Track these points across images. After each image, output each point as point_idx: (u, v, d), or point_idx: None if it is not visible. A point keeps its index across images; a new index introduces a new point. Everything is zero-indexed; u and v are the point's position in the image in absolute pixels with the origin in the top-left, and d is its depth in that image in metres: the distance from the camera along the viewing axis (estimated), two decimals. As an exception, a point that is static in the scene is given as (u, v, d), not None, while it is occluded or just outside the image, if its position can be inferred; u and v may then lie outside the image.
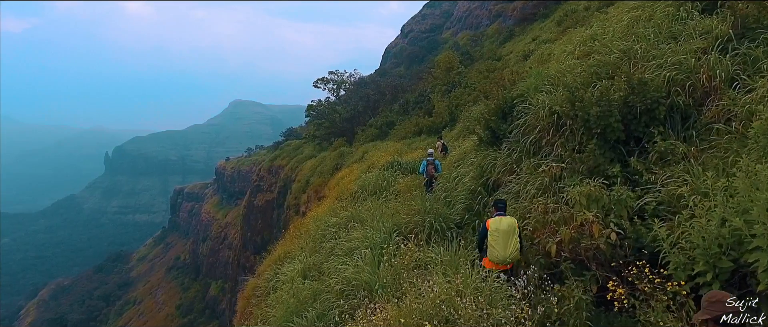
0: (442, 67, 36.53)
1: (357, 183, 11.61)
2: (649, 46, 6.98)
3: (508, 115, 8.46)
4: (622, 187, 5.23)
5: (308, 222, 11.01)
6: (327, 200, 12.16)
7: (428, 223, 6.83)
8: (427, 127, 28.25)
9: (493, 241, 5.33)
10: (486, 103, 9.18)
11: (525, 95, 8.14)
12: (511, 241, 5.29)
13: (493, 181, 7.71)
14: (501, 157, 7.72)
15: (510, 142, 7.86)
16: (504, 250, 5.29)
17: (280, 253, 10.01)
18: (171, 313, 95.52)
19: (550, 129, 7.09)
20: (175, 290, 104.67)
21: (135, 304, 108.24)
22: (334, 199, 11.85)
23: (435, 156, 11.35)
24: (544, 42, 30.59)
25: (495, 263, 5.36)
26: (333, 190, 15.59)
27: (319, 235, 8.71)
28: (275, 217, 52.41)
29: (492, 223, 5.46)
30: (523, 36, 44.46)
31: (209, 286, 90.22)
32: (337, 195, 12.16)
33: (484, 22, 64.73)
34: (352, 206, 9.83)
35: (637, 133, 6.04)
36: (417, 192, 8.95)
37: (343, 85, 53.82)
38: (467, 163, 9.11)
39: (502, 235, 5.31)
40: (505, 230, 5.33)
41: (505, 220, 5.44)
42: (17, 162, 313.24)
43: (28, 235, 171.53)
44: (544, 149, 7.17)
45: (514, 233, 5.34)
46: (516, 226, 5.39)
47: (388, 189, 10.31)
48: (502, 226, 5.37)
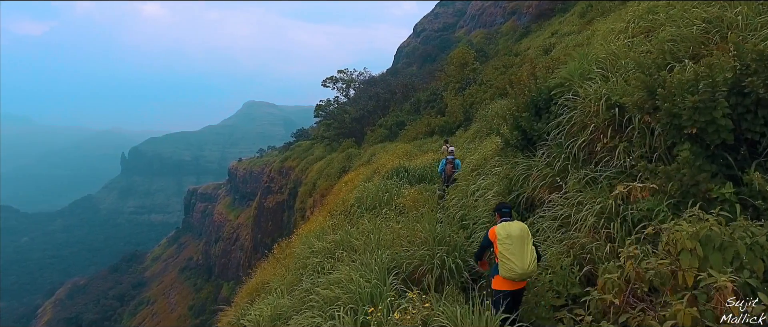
0: (456, 63, 34.47)
1: (355, 193, 9.65)
2: (751, 11, 4.94)
3: (543, 110, 6.50)
4: (748, 220, 3.26)
5: (295, 241, 9.18)
6: (319, 213, 10.26)
7: (439, 259, 4.93)
8: (440, 127, 26.39)
9: (507, 250, 4.17)
10: (513, 96, 7.19)
11: (568, 84, 6.16)
12: (528, 249, 4.20)
13: (526, 198, 5.75)
14: (537, 167, 5.75)
15: (548, 146, 5.89)
16: (522, 260, 4.12)
17: (256, 283, 8.26)
18: (183, 314, 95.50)
19: (608, 128, 5.12)
20: (188, 291, 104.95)
21: (148, 305, 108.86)
22: (326, 213, 9.95)
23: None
24: (566, 35, 28.38)
25: (512, 281, 4.18)
26: (328, 203, 13.78)
27: (301, 263, 6.89)
28: (285, 219, 51.29)
29: (500, 228, 4.30)
30: (540, 32, 42.39)
31: (221, 287, 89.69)
32: (330, 209, 10.25)
33: (498, 20, 64.10)
34: (346, 223, 7.98)
35: (750, 133, 4.04)
36: (426, 208, 7.02)
37: (352, 85, 52.10)
38: (489, 171, 7.14)
39: (516, 242, 4.17)
40: (518, 236, 4.20)
41: (515, 225, 4.30)
42: (36, 163, 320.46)
43: (46, 234, 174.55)
44: (598, 156, 5.21)
45: (529, 239, 4.26)
46: (528, 231, 4.31)
47: (390, 203, 8.37)
48: (514, 230, 4.23)
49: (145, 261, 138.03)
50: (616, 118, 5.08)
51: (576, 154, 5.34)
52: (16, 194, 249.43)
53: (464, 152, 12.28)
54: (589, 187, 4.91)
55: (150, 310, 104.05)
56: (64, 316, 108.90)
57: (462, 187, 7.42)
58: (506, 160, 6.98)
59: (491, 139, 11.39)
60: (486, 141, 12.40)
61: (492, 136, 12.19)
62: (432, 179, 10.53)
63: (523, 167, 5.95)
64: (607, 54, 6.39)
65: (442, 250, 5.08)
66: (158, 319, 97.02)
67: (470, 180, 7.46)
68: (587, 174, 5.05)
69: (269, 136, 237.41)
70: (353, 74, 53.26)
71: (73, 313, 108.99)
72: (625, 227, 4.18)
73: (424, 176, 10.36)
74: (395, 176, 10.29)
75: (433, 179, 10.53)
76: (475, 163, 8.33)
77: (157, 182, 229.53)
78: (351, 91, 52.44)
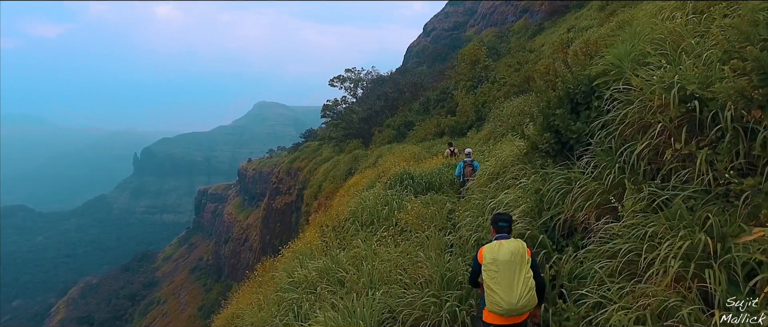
0: (467, 60, 32.96)
1: (350, 205, 8.22)
2: None
3: (581, 106, 5.08)
4: None
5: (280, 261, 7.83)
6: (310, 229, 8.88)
7: (449, 311, 3.57)
8: (450, 127, 24.99)
9: (491, 279, 3.37)
10: (541, 89, 5.75)
11: (615, 72, 4.74)
12: (520, 278, 3.33)
13: (564, 221, 4.35)
14: (580, 180, 4.33)
15: (593, 153, 4.48)
16: (510, 292, 3.29)
17: (232, 312, 7.00)
18: (193, 314, 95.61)
19: (681, 129, 3.70)
20: (198, 291, 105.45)
21: (159, 304, 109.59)
22: (317, 227, 8.55)
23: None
24: (585, 29, 26.72)
25: (499, 316, 3.36)
26: (331, 206, 12.44)
27: (278, 296, 5.56)
28: (293, 221, 50.54)
29: (487, 250, 3.51)
30: (554, 28, 40.78)
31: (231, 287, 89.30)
32: (321, 222, 8.84)
33: (509, 18, 63.09)
34: (336, 242, 6.62)
35: None
36: (432, 229, 5.62)
37: (360, 84, 50.80)
38: (511, 182, 5.71)
39: (504, 269, 3.35)
40: (507, 261, 3.36)
41: (507, 246, 3.44)
42: (52, 163, 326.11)
43: (60, 233, 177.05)
44: (667, 166, 3.79)
45: (524, 264, 3.37)
46: (525, 253, 3.43)
47: (390, 218, 6.97)
48: (503, 254, 3.40)
49: (156, 261, 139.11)
50: (693, 115, 3.66)
51: (635, 164, 3.92)
52: (31, 194, 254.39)
53: (477, 156, 10.87)
54: (658, 211, 3.49)
55: (160, 310, 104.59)
56: (77, 315, 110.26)
57: (477, 200, 6.02)
58: (532, 169, 5.56)
59: (509, 141, 9.95)
60: (502, 143, 10.96)
61: (510, 137, 10.73)
62: (441, 187, 9.13)
63: (560, 180, 4.52)
64: (667, 33, 4.94)
65: (451, 296, 3.72)
66: (168, 319, 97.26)
67: (487, 192, 6.05)
68: (654, 192, 3.62)
69: (279, 137, 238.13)
70: (361, 73, 51.99)
71: (86, 313, 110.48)
72: (728, 275, 2.79)
73: (432, 184, 8.96)
74: (398, 184, 8.89)
75: (442, 187, 9.14)
76: (491, 171, 6.91)
77: (169, 182, 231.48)
78: (359, 91, 51.20)
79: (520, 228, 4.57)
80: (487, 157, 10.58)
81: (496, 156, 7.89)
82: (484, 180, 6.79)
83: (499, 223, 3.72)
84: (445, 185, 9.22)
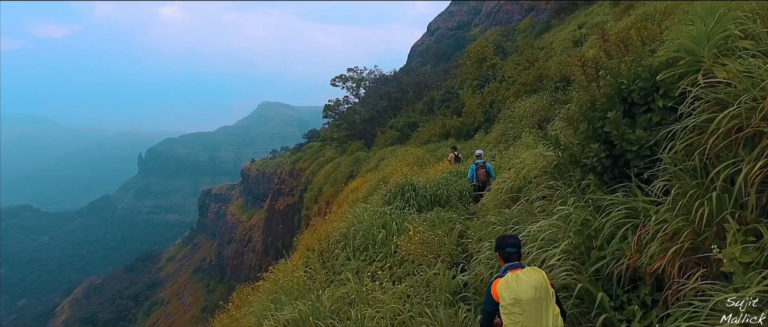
0: (473, 58, 31.63)
1: (342, 224, 6.93)
2: None
3: (639, 107, 3.82)
4: None
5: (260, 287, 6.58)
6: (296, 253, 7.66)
7: None
8: (456, 128, 23.72)
9: (515, 324, 2.58)
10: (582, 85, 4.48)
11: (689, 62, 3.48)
12: (548, 318, 2.59)
13: (626, 269, 3.10)
14: (649, 213, 3.07)
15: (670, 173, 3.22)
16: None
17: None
18: (196, 315, 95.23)
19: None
20: (201, 292, 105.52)
21: (162, 305, 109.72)
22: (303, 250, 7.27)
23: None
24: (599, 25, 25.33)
25: None
26: (332, 208, 11.24)
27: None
28: (296, 222, 49.73)
29: (503, 287, 2.71)
30: (562, 26, 39.43)
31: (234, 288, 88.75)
32: (308, 244, 7.55)
33: (515, 17, 61.85)
34: (322, 274, 5.38)
35: None
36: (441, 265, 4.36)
37: (362, 83, 49.56)
38: (541, 206, 4.45)
39: (528, 310, 2.57)
40: (532, 299, 2.58)
41: (526, 280, 2.66)
42: (57, 163, 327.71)
43: (65, 233, 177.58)
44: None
45: (550, 301, 2.64)
46: (547, 285, 2.69)
47: (387, 244, 5.67)
48: (525, 291, 2.61)
49: (160, 261, 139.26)
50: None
51: (741, 190, 2.67)
52: (36, 194, 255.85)
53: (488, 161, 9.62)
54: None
55: (164, 311, 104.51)
56: (81, 315, 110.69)
57: (495, 226, 4.74)
58: (568, 188, 4.30)
59: (525, 146, 8.68)
60: (517, 147, 9.70)
61: (526, 140, 9.48)
62: (448, 200, 7.88)
63: (620, 212, 3.26)
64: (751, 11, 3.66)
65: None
66: (172, 320, 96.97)
67: (508, 216, 4.78)
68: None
69: (283, 137, 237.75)
70: (363, 72, 50.74)
71: (89, 313, 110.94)
72: None
73: (438, 197, 7.68)
74: (399, 197, 7.61)
75: (450, 200, 7.88)
76: (510, 186, 5.65)
77: (173, 182, 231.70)
78: (361, 91, 49.98)
79: (560, 273, 3.33)
80: (499, 162, 9.34)
81: (515, 166, 6.62)
82: (502, 198, 5.51)
83: (507, 250, 2.98)
84: (453, 198, 7.98)
